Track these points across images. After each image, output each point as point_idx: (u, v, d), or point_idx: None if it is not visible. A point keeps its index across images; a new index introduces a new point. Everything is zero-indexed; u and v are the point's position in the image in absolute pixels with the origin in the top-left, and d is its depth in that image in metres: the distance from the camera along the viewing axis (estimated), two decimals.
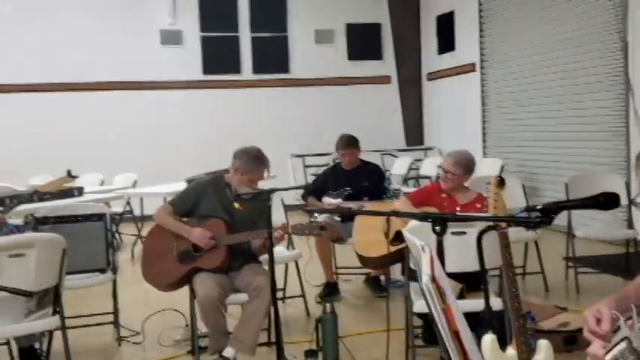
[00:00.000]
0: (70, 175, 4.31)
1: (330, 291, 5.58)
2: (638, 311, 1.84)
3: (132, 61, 10.59)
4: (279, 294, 5.38)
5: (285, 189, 3.93)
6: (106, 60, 10.46)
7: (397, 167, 10.31)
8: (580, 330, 4.28)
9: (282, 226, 3.73)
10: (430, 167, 9.59)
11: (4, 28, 10.18)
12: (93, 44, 10.46)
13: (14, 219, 6.10)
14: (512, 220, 2.10)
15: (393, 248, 3.92)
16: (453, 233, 3.47)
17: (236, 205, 3.92)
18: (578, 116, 7.82)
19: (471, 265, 3.36)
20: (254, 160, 3.97)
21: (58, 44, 10.34)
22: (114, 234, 8.08)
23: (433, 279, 1.47)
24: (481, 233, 2.51)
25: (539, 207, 1.90)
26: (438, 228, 2.09)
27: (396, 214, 2.28)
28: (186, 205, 4.07)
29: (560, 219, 7.64)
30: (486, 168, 8.46)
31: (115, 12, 10.61)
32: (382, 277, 5.76)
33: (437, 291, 1.47)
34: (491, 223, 2.57)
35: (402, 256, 3.99)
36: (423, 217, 2.13)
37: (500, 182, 2.60)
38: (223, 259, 3.84)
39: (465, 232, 3.41)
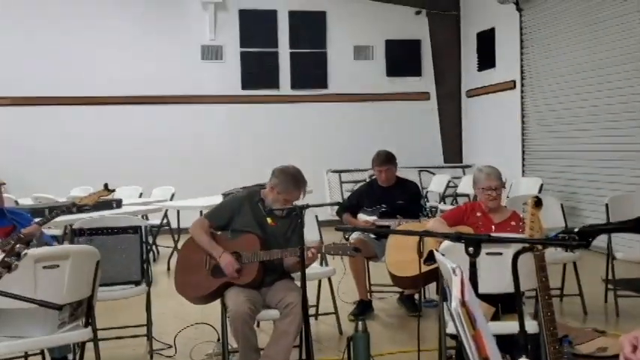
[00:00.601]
0: (107, 189, 4.37)
1: (363, 309, 5.53)
2: None
3: (172, 76, 10.76)
4: (312, 310, 5.38)
5: (318, 205, 3.91)
6: (146, 74, 10.65)
7: (435, 185, 10.21)
8: (618, 356, 4.18)
9: (315, 245, 3.70)
10: (468, 185, 9.45)
11: (52, 44, 10.42)
12: (134, 58, 10.66)
13: (53, 229, 6.23)
14: (548, 243, 2.03)
15: (425, 268, 3.87)
16: (488, 254, 3.41)
17: (268, 220, 3.91)
18: (619, 135, 7.65)
19: (507, 286, 3.28)
20: (291, 181, 3.97)
21: (99, 59, 10.55)
22: (149, 246, 8.20)
23: (463, 303, 1.43)
24: (517, 254, 2.44)
25: (576, 230, 1.84)
26: (471, 249, 2.05)
27: (429, 234, 2.23)
28: (221, 220, 4.07)
29: (600, 240, 7.46)
30: (525, 187, 8.33)
31: (156, 27, 10.80)
32: (417, 296, 5.68)
33: (466, 316, 1.42)
34: (526, 245, 2.50)
35: (435, 276, 3.94)
36: (456, 238, 2.08)
37: (537, 203, 2.54)
38: (256, 274, 3.82)
39: (500, 253, 3.34)
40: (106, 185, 4.47)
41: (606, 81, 7.83)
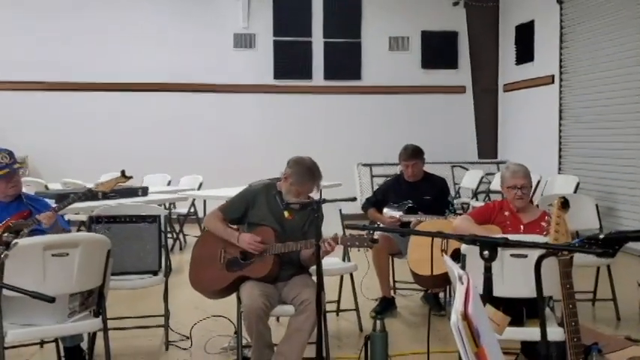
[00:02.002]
0: (124, 176, 4.30)
1: (385, 306, 5.38)
2: None
3: (204, 64, 10.70)
4: (333, 306, 5.26)
5: (333, 200, 3.77)
6: (178, 62, 10.60)
7: (467, 180, 9.98)
8: None
9: (332, 238, 3.56)
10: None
11: (87, 31, 10.45)
12: (166, 46, 10.62)
13: (82, 214, 6.20)
14: (571, 250, 1.88)
15: (445, 269, 3.71)
16: (512, 255, 3.25)
17: (286, 213, 3.79)
18: None
19: (532, 291, 3.08)
20: (305, 173, 3.85)
21: (133, 47, 10.55)
22: (174, 235, 8.17)
23: (465, 317, 1.28)
24: (540, 259, 2.28)
25: (602, 236, 1.68)
26: (486, 253, 1.90)
27: (441, 235, 2.08)
28: (236, 212, 3.97)
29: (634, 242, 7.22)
30: (561, 185, 8.07)
31: (189, 14, 10.74)
32: (442, 295, 5.53)
33: (468, 331, 1.28)
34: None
35: None
36: (471, 241, 1.93)
37: (564, 204, 2.37)
38: (271, 268, 3.72)
39: (525, 255, 3.18)
40: (123, 172, 4.39)
41: None
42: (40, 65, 10.27)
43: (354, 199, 3.77)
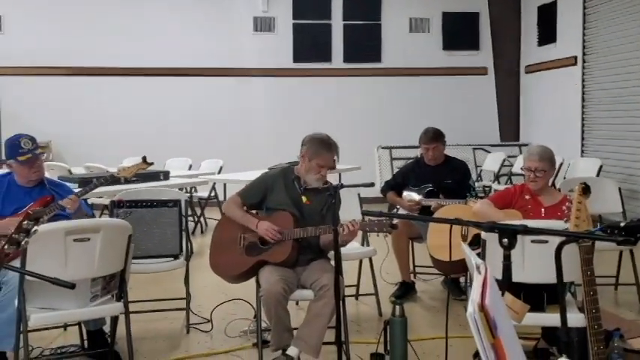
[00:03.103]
0: (145, 162, 4.34)
1: (405, 290, 5.39)
2: None
3: (223, 48, 10.67)
4: (352, 290, 5.27)
5: (351, 186, 3.76)
6: (198, 46, 10.61)
7: (489, 163, 9.92)
8: None
9: (351, 223, 3.56)
10: (523, 159, 9.14)
11: (107, 15, 10.48)
12: (187, 30, 10.62)
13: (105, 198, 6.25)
14: (591, 237, 1.86)
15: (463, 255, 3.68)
16: (533, 241, 3.22)
17: (303, 198, 3.79)
18: None
19: (554, 276, 3.09)
20: (321, 143, 3.86)
21: (153, 30, 10.56)
22: (196, 219, 8.23)
23: (482, 308, 1.27)
24: (560, 245, 2.26)
25: (622, 224, 1.66)
26: (505, 241, 1.88)
27: (458, 222, 2.07)
28: (255, 197, 3.98)
29: None
30: (584, 168, 7.99)
31: None
32: (462, 279, 5.51)
33: (485, 322, 1.27)
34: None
35: None
36: (489, 228, 1.92)
37: (585, 190, 2.34)
38: (290, 253, 3.72)
39: (547, 241, 3.15)
40: (144, 158, 4.42)
41: None
42: (65, 50, 10.35)
43: (371, 185, 3.76)
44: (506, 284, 1.94)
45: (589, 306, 2.23)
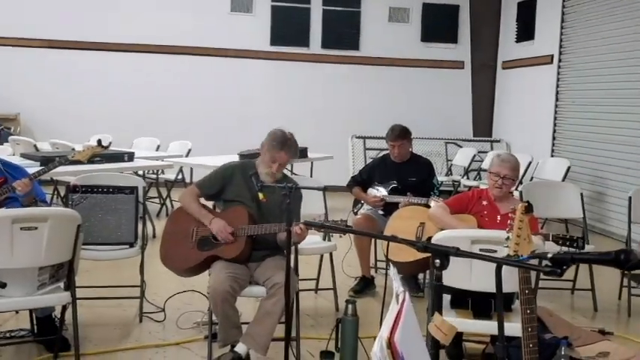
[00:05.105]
0: (101, 145, 4.26)
1: (365, 285, 5.40)
2: None
3: (199, 27, 10.52)
4: (312, 284, 5.27)
5: (305, 188, 3.75)
6: (173, 23, 10.42)
7: (460, 158, 9.94)
8: None
9: (300, 227, 3.53)
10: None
11: None
12: (162, 7, 10.44)
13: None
14: (520, 266, 1.85)
15: (422, 255, 3.68)
16: (482, 250, 3.23)
17: (260, 195, 3.75)
18: None
19: (504, 285, 3.11)
20: (276, 139, 3.85)
21: (128, 6, 10.38)
22: (160, 200, 8.16)
23: (389, 344, 1.25)
24: (499, 267, 2.26)
25: (549, 255, 1.65)
26: (437, 262, 1.87)
27: (395, 239, 2.05)
28: (212, 189, 3.94)
29: (621, 228, 7.20)
30: (552, 168, 8.04)
31: None
32: (421, 275, 5.52)
33: (391, 358, 1.25)
34: (511, 253, 2.31)
35: None
36: (423, 248, 1.91)
37: (528, 209, 2.33)
38: (242, 250, 3.69)
39: (495, 250, 3.16)
40: (99, 141, 4.36)
41: None
42: (39, 23, 10.15)
43: (324, 189, 3.74)
44: (438, 305, 1.94)
45: (525, 324, 2.23)
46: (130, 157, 6.67)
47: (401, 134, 5.44)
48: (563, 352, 3.70)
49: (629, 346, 4.28)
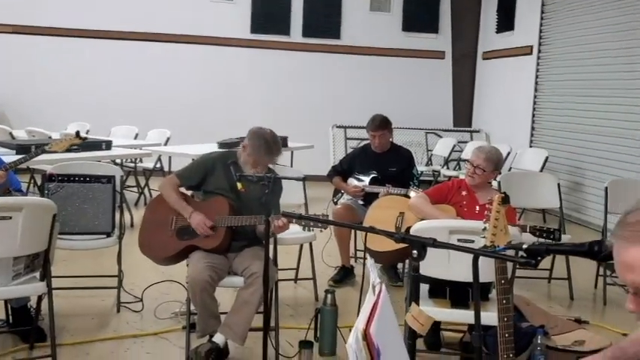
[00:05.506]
0: (78, 136, 4.21)
1: (344, 275, 5.41)
2: None
3: (179, 15, 10.42)
4: (292, 274, 5.27)
5: (286, 178, 3.74)
6: (152, 11, 10.33)
7: (440, 148, 9.97)
8: (595, 351, 4.01)
9: (280, 220, 3.51)
10: (472, 152, 9.22)
11: None
12: None
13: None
14: (495, 257, 1.86)
15: (401, 245, 3.69)
16: (460, 240, 3.24)
17: (239, 185, 3.73)
18: (636, 113, 7.31)
19: (481, 275, 3.13)
20: (262, 146, 3.78)
21: None
22: (138, 189, 8.10)
23: (365, 336, 1.25)
24: (475, 257, 2.27)
25: (525, 246, 1.66)
26: (415, 252, 1.87)
27: (374, 230, 2.05)
28: (193, 180, 3.92)
29: (598, 218, 7.28)
30: (531, 158, 8.09)
31: None
32: (400, 265, 5.55)
33: (367, 350, 1.25)
34: (487, 244, 2.32)
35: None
36: (400, 239, 1.91)
37: (505, 200, 2.34)
38: (221, 240, 3.67)
39: (473, 241, 3.17)
40: (77, 133, 4.31)
41: (629, 55, 7.46)
42: (14, 8, 9.98)
43: (303, 179, 3.74)
44: (415, 296, 1.94)
45: (501, 314, 2.24)
46: (108, 145, 6.62)
47: (381, 124, 5.43)
48: (539, 341, 3.74)
49: (604, 334, 4.33)
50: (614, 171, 7.38)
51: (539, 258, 1.63)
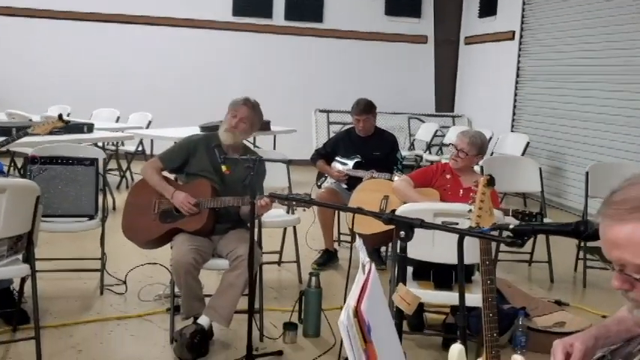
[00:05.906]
0: (62, 119, 4.17)
1: (328, 258, 5.44)
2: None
3: None
4: (275, 257, 5.28)
5: (270, 160, 3.75)
6: None
7: (422, 133, 10.01)
8: (575, 332, 4.08)
9: (264, 200, 3.51)
10: (455, 136, 9.27)
11: None
12: None
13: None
14: (482, 237, 1.88)
15: (386, 227, 3.71)
16: (444, 223, 3.27)
17: (223, 167, 3.73)
18: (616, 99, 7.39)
19: (465, 257, 3.16)
20: (238, 99, 3.96)
21: None
22: (120, 173, 8.06)
23: (356, 313, 1.27)
24: (461, 238, 2.30)
25: (511, 226, 1.68)
26: (402, 233, 1.89)
27: (361, 211, 2.07)
28: (175, 162, 3.91)
29: (578, 202, 7.35)
30: (512, 143, 8.16)
31: None
32: (383, 249, 5.58)
33: (358, 327, 1.26)
34: (473, 225, 2.35)
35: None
36: (388, 220, 1.92)
37: (490, 182, 2.37)
38: (205, 222, 3.67)
39: (457, 223, 3.19)
40: (60, 116, 4.27)
41: (608, 40, 7.52)
42: None
43: (288, 162, 3.74)
44: (402, 276, 1.96)
45: (485, 294, 2.27)
46: (90, 128, 6.56)
47: (366, 108, 5.44)
48: (520, 322, 3.80)
49: (584, 316, 4.40)
50: (595, 156, 7.46)
51: (525, 238, 1.65)
